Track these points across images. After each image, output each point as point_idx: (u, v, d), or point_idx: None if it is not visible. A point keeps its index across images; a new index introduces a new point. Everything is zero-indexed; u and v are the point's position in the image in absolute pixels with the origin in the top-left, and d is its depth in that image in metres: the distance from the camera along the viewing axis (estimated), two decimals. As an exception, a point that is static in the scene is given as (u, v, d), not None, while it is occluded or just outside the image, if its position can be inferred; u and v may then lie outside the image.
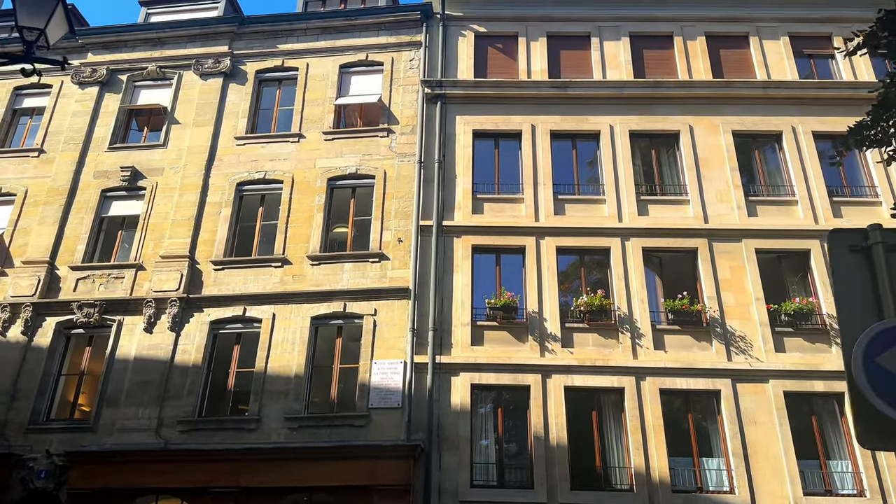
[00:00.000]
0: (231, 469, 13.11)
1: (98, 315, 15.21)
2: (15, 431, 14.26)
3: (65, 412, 14.91)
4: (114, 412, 14.24)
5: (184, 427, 13.94)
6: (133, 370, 14.61)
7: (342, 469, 12.87)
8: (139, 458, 13.44)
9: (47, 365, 14.97)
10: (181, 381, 14.43)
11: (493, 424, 13.96)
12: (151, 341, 14.91)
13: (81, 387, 15.15)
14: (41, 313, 15.44)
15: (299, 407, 13.94)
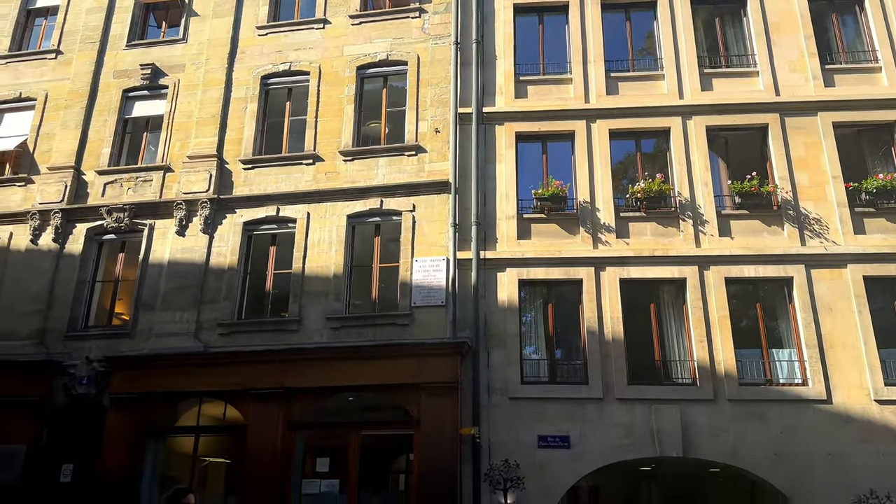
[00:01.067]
0: (273, 370, 12.70)
1: (128, 220, 14.65)
2: (54, 339, 14.04)
3: (102, 319, 14.60)
4: (151, 317, 13.87)
5: (223, 330, 13.50)
6: (168, 275, 14.13)
7: (387, 367, 12.33)
8: (179, 361, 13.10)
9: (81, 272, 14.58)
10: (217, 284, 13.91)
11: (543, 320, 13.17)
12: (185, 245, 14.34)
13: (117, 293, 14.77)
14: (71, 220, 14.95)
15: (340, 307, 13.33)
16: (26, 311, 14.28)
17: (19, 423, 13.22)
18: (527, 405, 12.11)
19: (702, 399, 11.82)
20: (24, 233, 14.98)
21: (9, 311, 14.37)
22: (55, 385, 13.59)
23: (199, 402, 13.21)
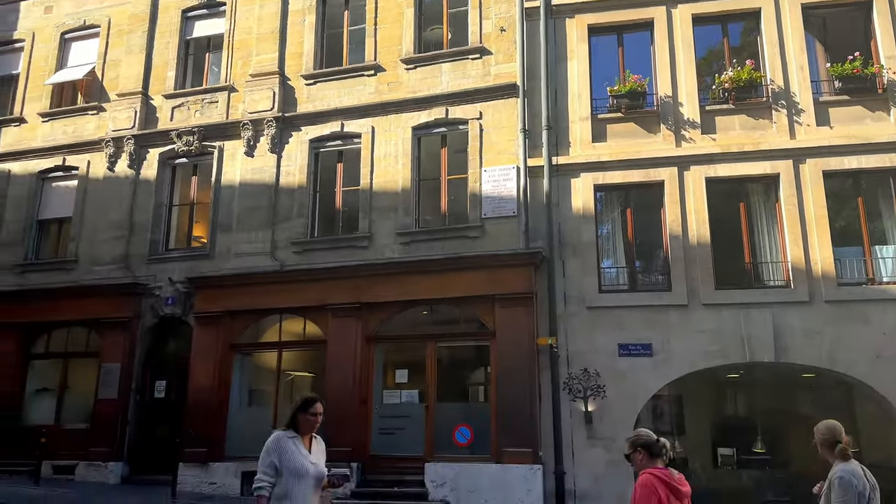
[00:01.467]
0: (348, 286, 12.72)
1: (198, 142, 14.69)
2: (137, 263, 14.50)
3: (182, 241, 14.95)
4: (228, 238, 14.07)
5: (297, 248, 13.56)
6: (240, 196, 14.21)
7: (460, 280, 12.12)
8: (257, 280, 13.31)
9: (157, 197, 14.86)
10: (289, 203, 13.89)
11: (622, 226, 12.56)
12: (254, 165, 14.31)
13: (194, 216, 15.02)
14: (143, 145, 15.14)
15: (409, 222, 13.10)
16: (109, 237, 14.75)
17: (115, 343, 13.91)
18: (605, 314, 11.71)
19: (796, 301, 11.10)
20: (101, 161, 15.32)
21: (93, 237, 14.90)
22: (143, 306, 14.14)
23: (280, 318, 13.45)
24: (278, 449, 4.43)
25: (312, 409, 4.62)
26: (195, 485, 12.54)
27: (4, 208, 15.73)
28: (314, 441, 4.68)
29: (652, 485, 3.84)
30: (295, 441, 4.52)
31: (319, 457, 4.64)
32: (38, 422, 14.20)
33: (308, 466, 4.44)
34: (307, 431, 4.62)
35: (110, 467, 13.26)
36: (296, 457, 4.43)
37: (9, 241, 15.51)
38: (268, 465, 4.40)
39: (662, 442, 4.05)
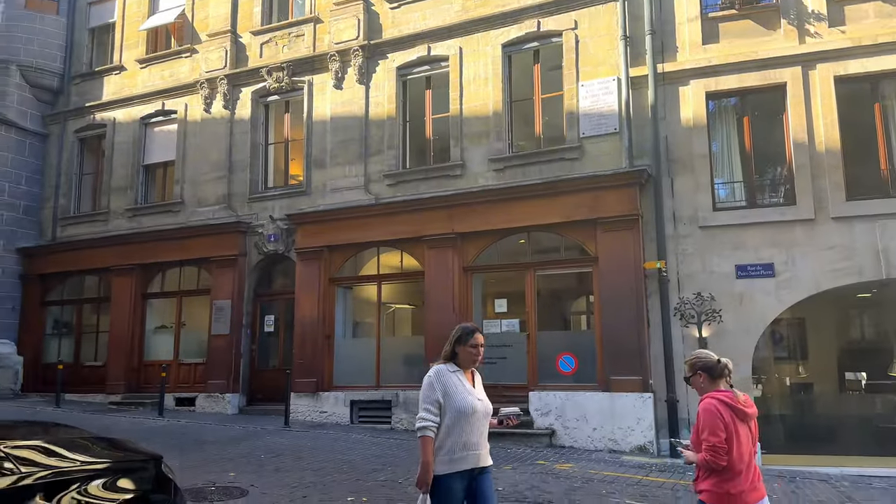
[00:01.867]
0: (443, 217, 12.43)
1: (288, 78, 14.58)
2: (239, 202, 14.80)
3: (280, 179, 15.10)
4: (322, 174, 14.04)
5: (391, 181, 13.35)
6: (332, 130, 14.07)
7: (558, 205, 11.53)
8: (353, 214, 13.25)
9: (253, 136, 14.98)
10: (379, 134, 13.63)
11: (738, 137, 11.45)
12: (343, 98, 14.07)
13: (289, 153, 15.08)
14: (236, 85, 15.22)
15: (502, 147, 12.53)
16: (211, 177, 15.10)
17: (224, 280, 14.39)
18: (720, 233, 10.82)
19: (942, 211, 9.81)
20: (198, 103, 15.56)
21: (196, 179, 15.30)
22: (248, 244, 14.49)
23: (377, 251, 13.41)
24: (442, 384, 3.93)
25: (472, 339, 4.09)
26: (307, 413, 12.96)
27: (113, 155, 16.40)
28: (475, 376, 4.20)
29: (715, 408, 3.63)
30: (458, 375, 4.03)
31: (483, 392, 4.17)
32: (159, 357, 15.10)
33: (475, 403, 3.96)
34: (468, 366, 4.11)
35: (227, 398, 13.92)
36: (461, 393, 3.94)
37: (120, 186, 16.22)
38: (432, 401, 3.89)
39: (724, 363, 3.79)
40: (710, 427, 3.60)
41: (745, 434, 3.66)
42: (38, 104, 17.23)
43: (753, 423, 3.77)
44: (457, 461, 3.84)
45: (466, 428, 3.88)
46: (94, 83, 17.06)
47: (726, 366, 3.79)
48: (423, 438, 3.84)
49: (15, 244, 16.50)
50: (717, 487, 3.58)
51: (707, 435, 3.61)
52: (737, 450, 3.59)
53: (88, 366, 15.93)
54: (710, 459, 3.57)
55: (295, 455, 9.51)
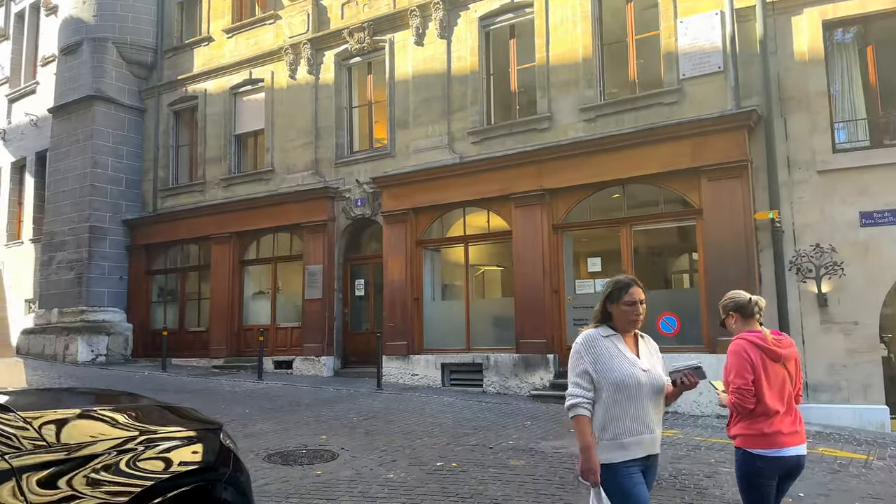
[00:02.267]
0: (530, 173, 11.88)
1: (369, 38, 14.29)
2: (326, 167, 14.77)
3: (365, 143, 14.93)
4: (406, 135, 13.75)
5: (475, 138, 12.88)
6: (414, 89, 13.71)
7: (657, 154, 10.72)
8: (437, 175, 12.90)
9: (337, 100, 14.85)
10: (462, 90, 13.14)
11: (860, 69, 10.21)
12: (425, 54, 13.65)
13: (373, 116, 14.87)
14: (319, 49, 15.09)
15: (593, 94, 11.76)
16: (299, 144, 15.13)
17: (315, 245, 14.47)
18: (841, 178, 9.72)
19: None
20: (283, 70, 15.56)
21: (284, 146, 15.38)
22: (336, 209, 14.47)
23: (463, 212, 13.03)
24: (592, 353, 3.20)
25: (627, 296, 3.25)
26: (398, 376, 12.90)
27: (206, 126, 16.75)
28: (641, 341, 3.36)
29: (743, 349, 3.49)
30: (614, 340, 3.25)
31: (654, 360, 3.33)
32: (258, 322, 15.46)
33: (638, 374, 3.17)
34: (627, 328, 3.28)
35: (323, 361, 14.08)
36: (618, 362, 3.17)
37: (214, 156, 16.58)
38: (580, 373, 3.19)
39: (755, 300, 3.62)
40: (736, 369, 3.47)
41: (779, 375, 3.48)
42: (135, 80, 17.79)
43: (793, 363, 3.57)
44: (628, 446, 3.12)
45: (633, 405, 3.13)
46: (185, 56, 17.42)
47: (756, 303, 3.62)
48: (577, 419, 3.15)
49: (120, 217, 17.25)
50: (749, 428, 3.45)
51: (733, 377, 3.48)
52: (768, 391, 3.43)
53: (192, 331, 16.57)
54: (737, 402, 3.44)
55: (386, 418, 9.40)
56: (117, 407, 3.08)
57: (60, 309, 16.83)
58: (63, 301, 16.82)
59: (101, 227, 16.86)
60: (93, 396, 3.81)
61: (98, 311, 16.69)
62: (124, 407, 3.10)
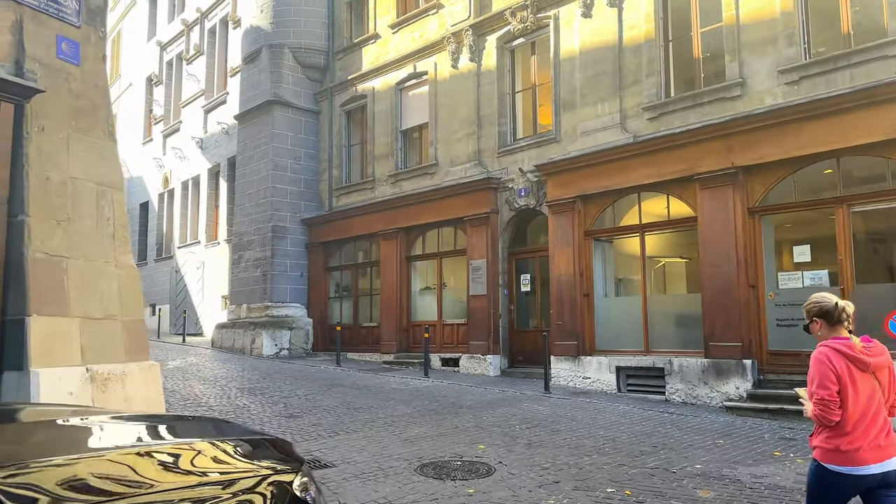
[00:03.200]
0: (718, 149, 10.34)
1: (532, 15, 13.42)
2: (489, 157, 14.12)
3: (528, 129, 14.07)
4: (572, 117, 12.71)
5: (651, 114, 11.52)
6: (581, 65, 12.62)
7: (881, 119, 8.79)
8: (607, 157, 11.73)
9: (500, 86, 14.15)
10: (636, 61, 11.84)
11: None
12: (592, 26, 12.51)
13: (537, 99, 13.96)
14: (480, 34, 14.48)
15: (795, 53, 9.95)
16: (462, 135, 14.64)
17: (478, 239, 13.89)
18: None
19: None
20: (446, 60, 15.15)
21: (448, 138, 14.97)
22: (499, 201, 13.78)
23: (638, 197, 11.73)
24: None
25: None
26: (568, 378, 11.93)
27: (374, 124, 16.83)
28: None
29: (826, 358, 3.22)
30: None
31: None
32: (425, 318, 15.22)
33: None
34: None
35: (489, 360, 13.47)
36: None
37: (382, 153, 16.61)
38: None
39: (842, 305, 3.30)
40: (819, 378, 3.22)
41: (867, 386, 3.22)
42: (309, 83, 18.38)
43: (886, 372, 3.28)
44: None
45: None
46: (354, 56, 17.65)
47: (844, 309, 3.31)
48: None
49: (300, 216, 17.91)
50: (827, 443, 3.23)
51: (816, 387, 3.23)
52: (854, 403, 3.18)
53: (365, 326, 16.76)
54: (820, 414, 3.20)
55: (551, 427, 8.51)
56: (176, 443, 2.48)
57: (248, 305, 17.83)
58: (250, 297, 17.80)
59: (282, 227, 17.61)
60: (174, 423, 3.31)
61: (281, 306, 17.45)
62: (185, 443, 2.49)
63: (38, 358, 4.34)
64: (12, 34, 4.58)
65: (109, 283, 4.91)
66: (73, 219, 4.83)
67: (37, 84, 4.61)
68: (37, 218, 4.57)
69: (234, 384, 11.93)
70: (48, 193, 4.68)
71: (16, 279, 4.42)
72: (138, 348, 5.02)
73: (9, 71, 4.54)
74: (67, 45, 4.86)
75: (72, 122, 4.93)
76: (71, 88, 4.95)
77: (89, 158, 5.01)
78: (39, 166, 4.68)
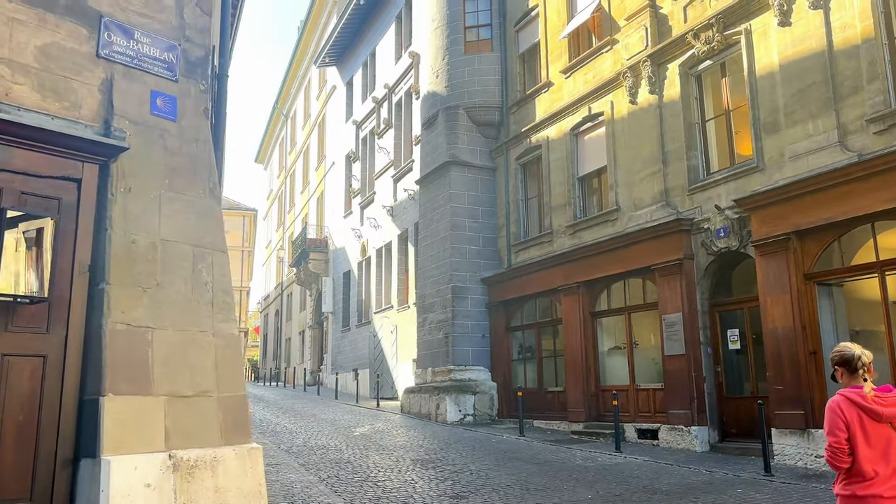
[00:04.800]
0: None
1: (719, 34, 11.82)
2: (678, 196, 12.46)
3: (723, 160, 12.21)
4: (776, 140, 10.77)
5: (879, 126, 9.32)
6: (783, 81, 10.74)
7: None
8: (825, 183, 9.62)
9: (686, 115, 12.56)
10: (852, 67, 9.75)
11: None
12: (793, 34, 10.63)
13: (731, 125, 12.13)
14: (660, 63, 13.09)
15: None
16: (645, 175, 13.19)
17: (671, 290, 12.17)
18: None
19: None
20: (622, 97, 13.92)
21: (629, 180, 13.58)
22: (694, 244, 12.02)
23: (872, 228, 9.42)
24: None
25: None
26: (795, 457, 9.68)
27: (550, 174, 15.91)
28: None
29: (837, 407, 3.32)
30: None
31: None
32: (615, 382, 13.60)
33: None
34: None
35: (693, 432, 11.50)
36: None
37: (559, 204, 15.57)
38: None
39: (858, 354, 3.39)
40: (828, 426, 3.32)
41: (881, 435, 3.26)
42: (484, 140, 18.02)
43: None
44: None
45: None
46: (527, 107, 17.02)
47: (860, 358, 3.38)
48: None
49: (479, 275, 17.30)
50: (845, 489, 3.33)
51: (826, 434, 3.34)
52: (865, 452, 3.24)
53: (550, 391, 15.45)
54: (829, 460, 3.35)
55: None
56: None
57: (433, 368, 17.39)
58: (434, 360, 17.37)
59: (461, 287, 17.10)
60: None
61: (464, 369, 16.77)
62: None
63: (113, 443, 3.88)
64: (101, 93, 4.35)
65: (204, 355, 4.42)
66: (163, 284, 4.41)
67: (123, 142, 4.30)
68: (118, 285, 4.21)
69: (410, 455, 11.28)
70: (133, 258, 4.32)
71: (95, 354, 4.06)
72: (237, 430, 4.43)
73: (96, 131, 4.31)
74: (163, 101, 4.56)
75: (165, 180, 4.59)
76: (166, 145, 4.63)
77: (185, 218, 4.62)
78: (124, 229, 4.35)
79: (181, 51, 4.84)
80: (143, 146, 4.49)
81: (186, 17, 4.92)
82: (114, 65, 4.46)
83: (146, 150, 4.51)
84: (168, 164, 4.61)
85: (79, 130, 4.13)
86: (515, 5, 17.76)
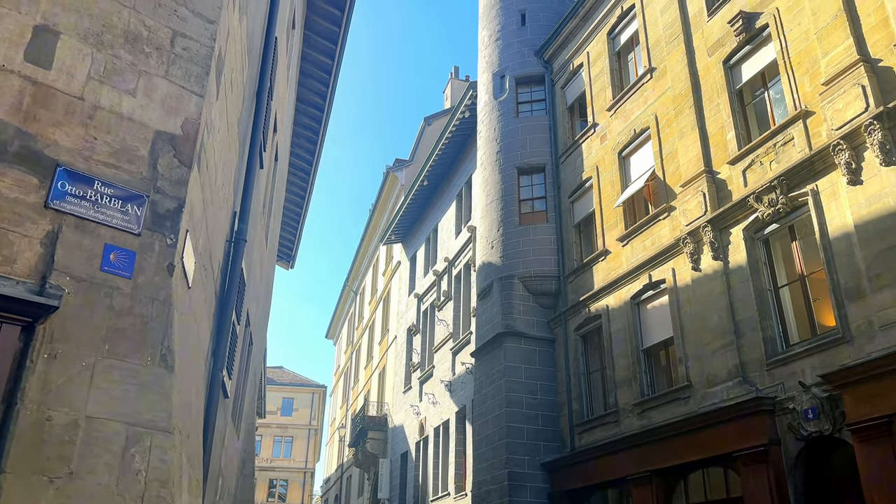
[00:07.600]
0: None
1: (783, 197, 11.02)
2: (755, 371, 11.00)
3: (804, 331, 10.84)
4: (862, 307, 9.47)
5: None
6: (861, 243, 9.66)
7: None
8: (931, 355, 8.15)
9: (755, 282, 11.45)
10: (943, 223, 8.63)
11: None
12: (866, 192, 9.73)
13: (809, 292, 10.89)
14: (721, 228, 12.26)
15: None
16: (716, 347, 11.85)
17: (756, 482, 10.33)
18: None
19: None
20: (684, 263, 12.99)
21: (699, 353, 12.23)
22: (779, 427, 10.34)
23: None
24: None
25: None
26: None
27: (612, 346, 14.69)
28: None
29: None
30: None
31: None
32: None
33: None
34: None
35: None
36: None
37: (623, 378, 14.18)
38: None
39: None
40: None
41: None
42: (541, 311, 17.14)
43: None
44: None
45: None
46: (585, 276, 16.23)
47: None
48: None
49: (539, 459, 15.60)
50: None
51: None
52: None
53: None
54: None
55: None
56: None
57: (489, 568, 15.23)
58: (490, 560, 15.25)
59: (519, 473, 15.37)
60: None
61: (524, 573, 14.58)
62: None
63: None
64: (43, 246, 3.85)
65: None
66: (79, 474, 3.56)
67: (54, 301, 3.70)
68: (16, 474, 3.40)
69: None
70: (43, 440, 3.52)
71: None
72: None
73: (30, 288, 3.72)
74: (117, 256, 4.03)
75: (105, 345, 3.91)
76: (112, 305, 4.00)
77: (122, 391, 3.86)
78: (38, 403, 3.60)
79: (150, 202, 4.39)
80: (81, 306, 3.89)
81: (160, 169, 4.53)
82: (64, 216, 4.00)
83: (86, 311, 3.90)
84: (112, 325, 3.96)
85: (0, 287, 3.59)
86: (569, 178, 17.64)
